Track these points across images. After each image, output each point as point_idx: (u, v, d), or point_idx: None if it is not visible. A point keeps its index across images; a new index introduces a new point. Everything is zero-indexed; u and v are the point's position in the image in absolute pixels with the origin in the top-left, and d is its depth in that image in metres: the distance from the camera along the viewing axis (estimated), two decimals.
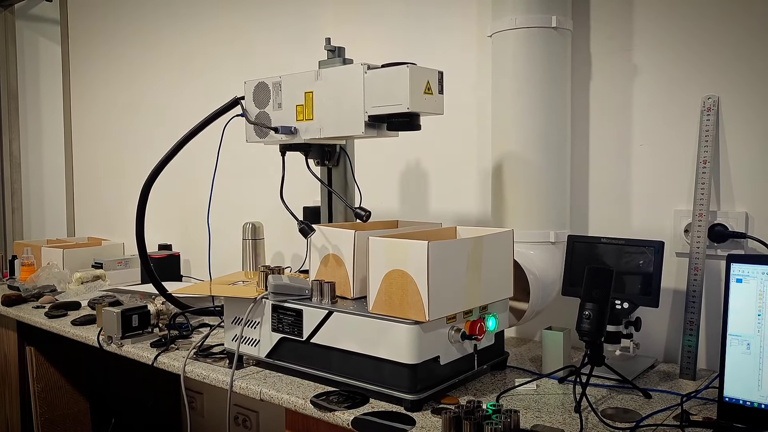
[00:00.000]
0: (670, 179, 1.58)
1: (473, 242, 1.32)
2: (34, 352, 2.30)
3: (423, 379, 1.25)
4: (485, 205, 1.90)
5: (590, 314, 1.26)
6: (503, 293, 1.43)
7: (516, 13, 1.56)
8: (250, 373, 1.47)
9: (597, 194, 1.70)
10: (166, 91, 2.92)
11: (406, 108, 1.34)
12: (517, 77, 1.58)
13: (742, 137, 1.48)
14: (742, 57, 1.47)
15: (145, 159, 3.02)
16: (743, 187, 1.48)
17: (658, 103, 1.59)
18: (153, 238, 2.74)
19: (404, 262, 1.24)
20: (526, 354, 1.66)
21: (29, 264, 2.71)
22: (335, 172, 1.73)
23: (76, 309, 2.19)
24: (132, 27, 3.09)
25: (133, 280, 2.62)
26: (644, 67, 1.61)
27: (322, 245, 1.49)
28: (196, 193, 2.80)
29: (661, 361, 1.59)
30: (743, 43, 1.47)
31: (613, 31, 1.65)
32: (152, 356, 1.64)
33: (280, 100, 1.56)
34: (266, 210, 2.50)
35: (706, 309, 1.53)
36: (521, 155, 1.59)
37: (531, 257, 1.59)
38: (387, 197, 2.14)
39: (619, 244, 1.50)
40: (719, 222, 1.50)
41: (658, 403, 1.29)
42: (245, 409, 2.53)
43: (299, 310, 1.40)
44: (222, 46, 2.65)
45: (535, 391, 1.36)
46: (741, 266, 1.18)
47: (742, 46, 1.47)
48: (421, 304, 1.21)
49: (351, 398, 1.29)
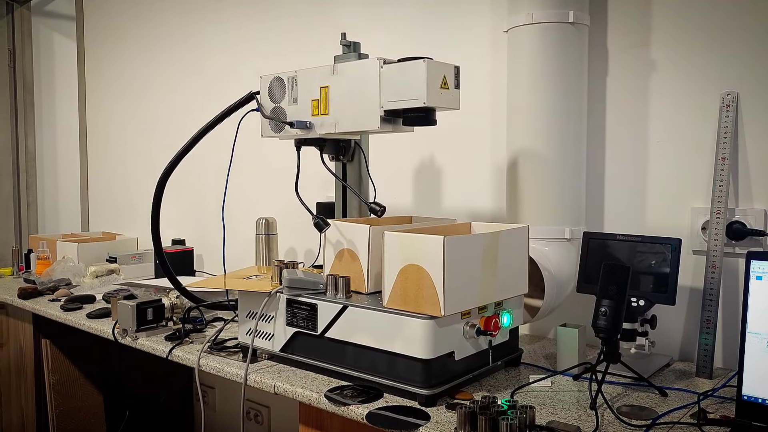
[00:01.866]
0: (688, 176, 1.57)
1: (489, 238, 1.32)
2: (49, 345, 2.32)
3: (437, 374, 1.25)
4: (499, 202, 1.89)
5: (606, 311, 1.26)
6: (518, 289, 1.42)
7: (532, 8, 1.55)
8: (264, 367, 1.48)
9: (613, 191, 1.69)
10: (181, 86, 2.93)
11: (422, 103, 1.34)
12: (533, 73, 1.57)
13: (762, 134, 1.46)
14: (761, 53, 1.45)
15: (159, 154, 3.04)
16: (762, 184, 1.47)
17: (676, 99, 1.58)
18: (166, 233, 2.75)
19: (420, 257, 1.24)
20: (540, 351, 1.65)
21: (45, 258, 2.73)
22: (350, 167, 1.73)
23: (91, 302, 2.21)
24: (147, 23, 3.11)
25: (147, 274, 2.63)
26: (662, 63, 1.60)
27: (337, 240, 1.49)
28: (209, 188, 2.81)
29: (677, 360, 1.58)
30: (762, 39, 1.45)
31: (630, 27, 1.64)
32: (167, 349, 1.65)
33: (295, 95, 1.56)
34: (279, 205, 2.50)
35: (723, 307, 1.52)
36: (536, 151, 1.58)
37: (546, 254, 1.59)
38: (401, 193, 2.14)
39: (635, 241, 1.49)
40: (737, 219, 1.49)
41: (675, 401, 1.28)
42: (257, 404, 2.53)
43: (314, 304, 1.40)
44: (237, 42, 2.65)
45: (549, 388, 1.35)
46: (761, 263, 1.17)
47: (761, 42, 1.45)
48: (437, 298, 1.21)
49: (365, 393, 1.29)
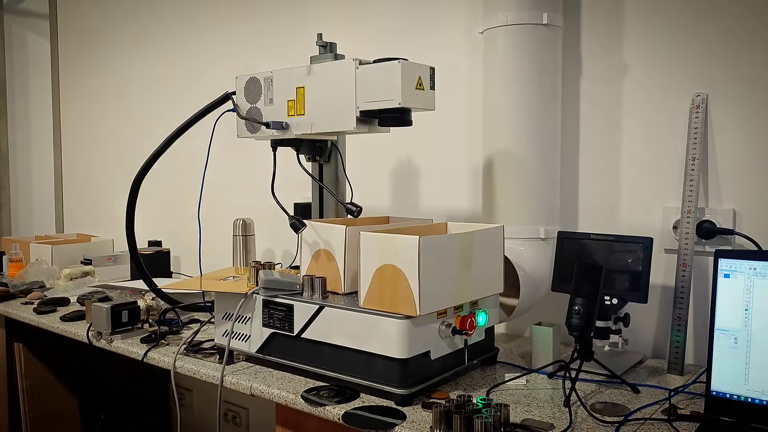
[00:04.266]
0: (659, 176, 1.60)
1: (464, 237, 1.33)
2: (22, 349, 2.29)
3: (413, 374, 1.26)
4: (475, 202, 1.91)
5: (580, 309, 1.27)
6: (494, 289, 1.44)
7: (507, 9, 1.57)
8: (241, 369, 1.47)
9: (587, 191, 1.71)
10: (156, 86, 2.91)
11: (397, 103, 1.35)
12: (508, 74, 1.59)
13: (730, 135, 1.49)
14: (730, 56, 1.49)
15: (135, 155, 3.01)
16: (731, 184, 1.50)
17: (648, 100, 1.61)
18: (142, 234, 2.72)
19: (396, 257, 1.25)
20: (516, 350, 1.66)
21: (17, 260, 2.69)
22: (326, 167, 1.73)
23: (65, 305, 2.18)
24: (121, 22, 3.07)
25: (123, 276, 2.61)
26: (634, 65, 1.62)
27: (313, 240, 1.49)
28: (185, 189, 2.79)
29: (650, 357, 1.60)
30: (732, 43, 1.48)
31: (603, 29, 1.66)
32: (142, 352, 1.63)
33: (271, 95, 1.56)
34: (256, 206, 2.49)
35: (693, 305, 1.54)
36: (512, 152, 1.59)
37: (521, 253, 1.60)
38: (377, 193, 2.14)
39: (608, 241, 1.51)
40: (707, 219, 1.52)
41: (647, 397, 1.30)
42: (235, 406, 2.52)
43: (290, 305, 1.40)
44: (214, 42, 2.64)
45: (524, 386, 1.37)
46: (729, 261, 1.19)
47: (731, 45, 1.48)
48: (412, 298, 1.22)
49: (342, 393, 1.30)
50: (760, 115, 1.46)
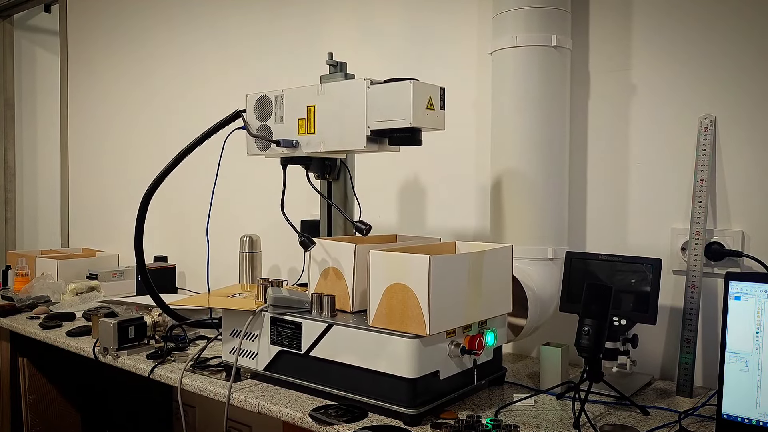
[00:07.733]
0: (667, 197, 1.60)
1: (473, 257, 1.33)
2: (26, 363, 2.28)
3: (422, 394, 1.25)
4: (483, 221, 1.91)
5: (589, 330, 1.27)
6: (502, 308, 1.43)
7: (517, 31, 1.58)
8: (248, 386, 1.47)
9: (595, 211, 1.72)
10: (165, 103, 2.93)
11: (408, 123, 1.36)
12: (517, 95, 1.60)
13: (739, 157, 1.50)
14: (738, 78, 1.50)
15: (142, 170, 3.02)
16: (740, 206, 1.50)
17: (656, 122, 1.61)
18: (148, 249, 2.72)
19: (406, 276, 1.25)
20: (524, 370, 1.66)
21: (23, 274, 2.69)
22: (335, 185, 1.74)
23: (70, 320, 2.18)
24: (130, 38, 3.10)
25: (128, 291, 2.60)
26: (642, 87, 1.63)
27: (322, 258, 1.49)
28: (192, 205, 2.80)
29: (658, 378, 1.59)
30: (740, 65, 1.49)
31: (611, 51, 1.68)
32: (149, 368, 1.63)
33: (282, 113, 1.57)
34: (263, 223, 2.50)
35: (702, 327, 1.54)
36: (520, 171, 1.60)
37: (529, 273, 1.60)
38: (385, 211, 2.15)
39: (616, 261, 1.51)
40: (716, 240, 1.52)
41: (656, 420, 1.29)
42: (238, 424, 2.51)
43: (299, 323, 1.40)
44: (225, 62, 2.66)
45: (533, 407, 1.36)
46: (740, 284, 1.19)
47: (739, 67, 1.49)
48: (422, 317, 1.22)
49: (350, 412, 1.29)
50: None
